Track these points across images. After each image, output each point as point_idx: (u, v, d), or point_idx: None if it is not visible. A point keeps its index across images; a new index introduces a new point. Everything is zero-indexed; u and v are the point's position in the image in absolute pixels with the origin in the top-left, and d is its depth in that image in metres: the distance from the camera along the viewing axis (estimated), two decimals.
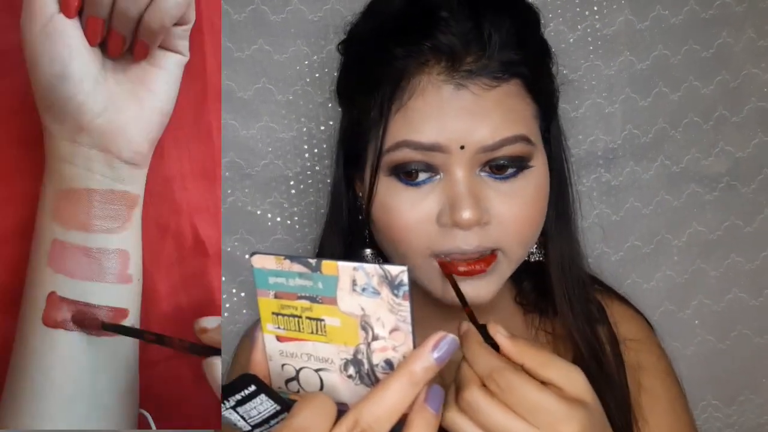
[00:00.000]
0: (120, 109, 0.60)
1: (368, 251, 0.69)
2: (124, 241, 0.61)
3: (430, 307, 0.65)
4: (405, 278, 0.41)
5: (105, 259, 0.60)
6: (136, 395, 0.63)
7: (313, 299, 0.42)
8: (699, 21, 0.94)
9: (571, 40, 0.92)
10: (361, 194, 0.68)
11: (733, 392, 1.02)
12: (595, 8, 0.92)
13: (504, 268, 0.62)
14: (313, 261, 0.42)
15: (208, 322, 0.58)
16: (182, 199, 0.68)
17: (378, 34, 0.62)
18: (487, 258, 0.60)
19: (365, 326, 0.42)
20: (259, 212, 0.91)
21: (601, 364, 0.67)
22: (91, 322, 0.59)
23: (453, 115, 0.58)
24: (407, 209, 0.60)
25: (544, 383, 0.46)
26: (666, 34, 0.94)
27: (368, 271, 0.41)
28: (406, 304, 0.41)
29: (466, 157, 0.58)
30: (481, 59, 0.58)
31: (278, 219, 0.92)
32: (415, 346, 0.43)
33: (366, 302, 0.42)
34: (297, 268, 0.42)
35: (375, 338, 0.42)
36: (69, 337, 0.59)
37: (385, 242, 0.64)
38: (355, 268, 0.41)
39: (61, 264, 0.60)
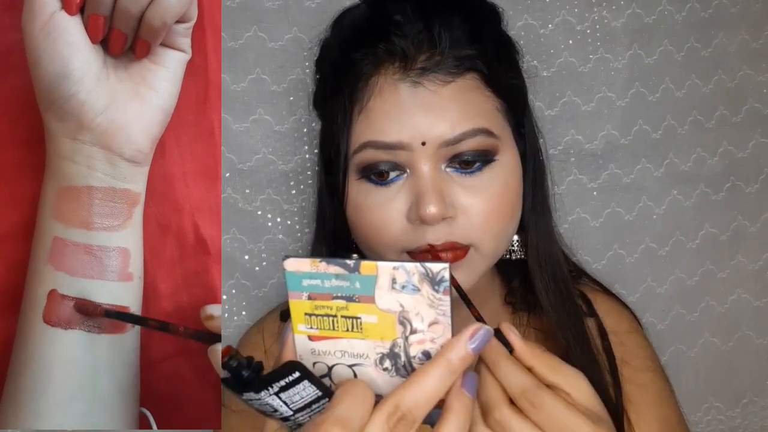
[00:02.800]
0: (121, 107, 0.60)
1: (355, 256, 0.69)
2: (125, 239, 0.61)
3: None
4: (446, 274, 0.42)
5: (106, 257, 0.60)
6: (137, 394, 0.63)
7: (349, 299, 0.43)
8: (699, 19, 0.94)
9: (578, 36, 0.92)
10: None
11: (736, 394, 1.01)
12: (604, 3, 0.92)
13: (476, 263, 0.63)
14: (351, 262, 0.42)
15: (214, 309, 0.59)
16: (184, 198, 0.68)
17: (340, 42, 0.66)
18: (456, 252, 0.61)
19: (403, 321, 0.43)
20: (255, 210, 0.89)
21: (589, 358, 0.68)
22: (94, 310, 0.59)
23: (411, 112, 0.60)
24: (377, 208, 0.62)
25: (552, 388, 0.48)
26: (671, 30, 0.94)
27: (409, 269, 0.42)
28: (447, 299, 0.42)
29: (428, 153, 0.60)
30: (434, 56, 0.60)
31: (277, 218, 0.90)
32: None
33: (405, 299, 0.43)
34: (333, 269, 0.43)
35: (413, 332, 0.43)
36: (70, 335, 0.59)
37: (362, 242, 0.66)
38: (395, 268, 0.42)
39: (61, 262, 0.59)
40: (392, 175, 0.61)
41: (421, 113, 0.59)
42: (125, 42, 0.59)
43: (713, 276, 0.99)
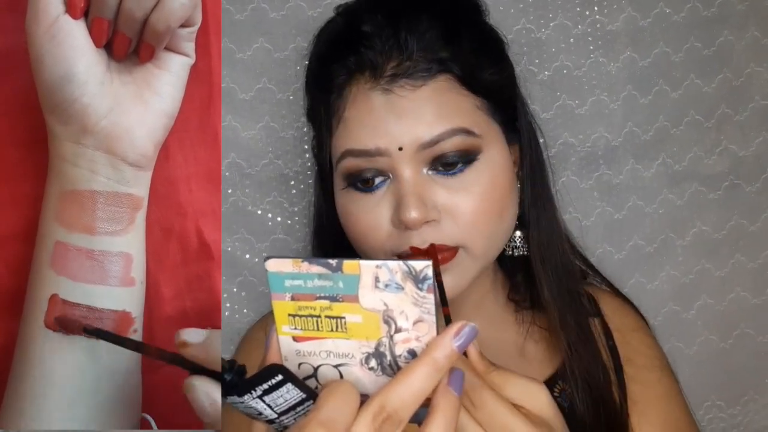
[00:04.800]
0: (125, 111, 0.59)
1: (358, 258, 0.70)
2: (127, 243, 0.61)
3: None
4: (429, 272, 0.41)
5: (108, 262, 0.60)
6: (139, 399, 0.63)
7: (333, 298, 0.43)
8: (701, 18, 0.93)
9: (572, 39, 0.92)
10: None
11: (737, 392, 1.01)
12: (596, 7, 0.92)
13: (466, 264, 0.63)
14: (333, 261, 0.42)
15: (189, 336, 0.52)
16: (187, 202, 0.67)
17: (318, 56, 0.68)
18: (444, 254, 0.61)
19: (388, 320, 0.43)
20: (259, 212, 0.91)
21: (592, 357, 0.69)
22: (73, 324, 0.58)
23: (384, 119, 0.60)
24: (364, 214, 0.63)
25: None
26: (668, 32, 0.93)
27: (391, 267, 0.42)
28: (431, 297, 0.42)
29: (407, 157, 0.60)
30: (402, 63, 0.61)
31: (284, 220, 0.92)
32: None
33: (389, 297, 0.42)
34: (316, 269, 0.42)
35: (398, 330, 0.43)
36: (71, 341, 0.59)
37: (354, 245, 0.67)
38: (378, 266, 0.42)
39: (63, 266, 0.59)
40: (377, 181, 0.62)
41: (394, 119, 0.60)
42: (129, 46, 0.59)
43: (710, 274, 0.99)
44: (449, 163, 0.60)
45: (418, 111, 0.60)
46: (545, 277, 0.69)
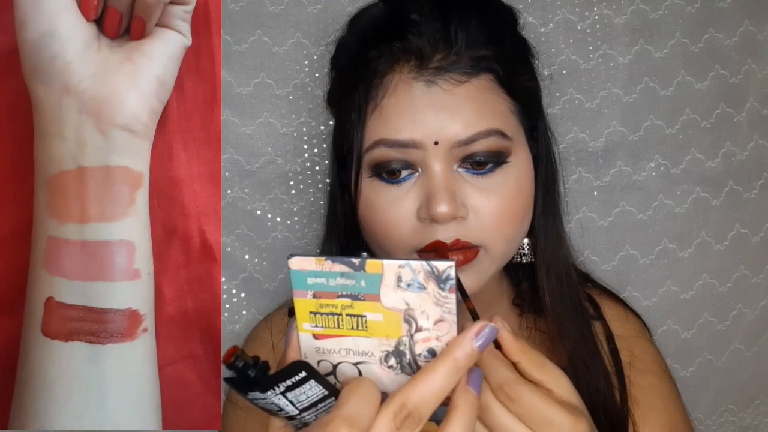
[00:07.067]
0: (111, 70, 0.56)
1: (365, 254, 0.66)
2: (127, 229, 0.56)
3: None
4: (452, 273, 0.42)
5: (105, 253, 0.55)
6: (157, 404, 0.57)
7: (354, 297, 0.43)
8: (717, 9, 0.91)
9: (580, 34, 0.90)
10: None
11: (749, 396, 0.99)
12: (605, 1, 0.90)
13: (486, 265, 0.63)
14: (356, 260, 0.43)
15: None
16: (190, 203, 0.65)
17: (357, 40, 0.67)
18: (467, 253, 0.61)
19: (409, 319, 0.44)
20: (262, 211, 0.89)
21: (594, 362, 0.69)
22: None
23: (425, 111, 0.60)
24: (388, 206, 0.62)
25: (536, 384, 0.48)
26: (682, 23, 0.91)
27: (414, 267, 0.42)
28: (452, 297, 0.43)
29: (441, 152, 0.60)
30: (449, 56, 0.61)
31: (283, 219, 0.89)
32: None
33: (411, 297, 0.43)
34: (339, 268, 0.43)
35: (419, 330, 0.44)
36: (70, 348, 0.54)
37: (372, 241, 0.66)
38: (400, 266, 0.42)
39: (57, 265, 0.54)
40: (404, 173, 0.61)
41: (434, 112, 0.60)
42: (120, 22, 0.57)
43: (748, 280, 0.94)
44: (480, 162, 0.61)
45: (458, 107, 0.60)
46: (548, 285, 0.69)
